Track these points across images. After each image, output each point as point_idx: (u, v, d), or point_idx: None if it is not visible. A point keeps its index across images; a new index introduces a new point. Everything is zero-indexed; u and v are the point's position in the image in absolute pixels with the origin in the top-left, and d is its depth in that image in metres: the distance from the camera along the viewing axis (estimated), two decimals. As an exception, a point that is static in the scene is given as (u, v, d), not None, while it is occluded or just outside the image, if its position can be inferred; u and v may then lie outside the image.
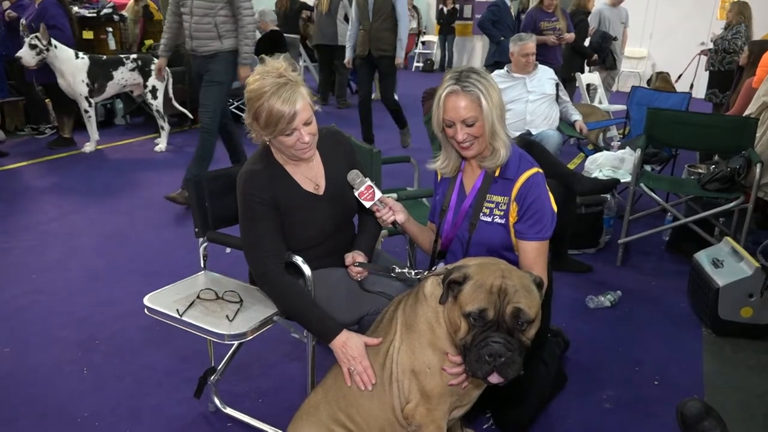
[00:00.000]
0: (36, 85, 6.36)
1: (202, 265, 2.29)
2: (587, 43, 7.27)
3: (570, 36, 6.41)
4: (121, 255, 3.74)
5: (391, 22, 5.69)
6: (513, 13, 6.93)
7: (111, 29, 7.56)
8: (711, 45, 6.65)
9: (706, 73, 6.77)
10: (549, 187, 1.98)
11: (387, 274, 1.95)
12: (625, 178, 3.94)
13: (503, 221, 1.94)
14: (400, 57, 5.84)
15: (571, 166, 5.84)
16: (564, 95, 4.64)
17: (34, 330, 2.87)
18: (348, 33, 6.05)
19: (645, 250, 3.97)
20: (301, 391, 2.23)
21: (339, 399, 1.78)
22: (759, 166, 3.37)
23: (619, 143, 4.81)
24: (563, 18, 6.38)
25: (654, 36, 11.46)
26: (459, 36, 13.91)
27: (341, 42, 8.49)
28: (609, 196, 3.93)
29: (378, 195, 1.94)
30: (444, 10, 13.44)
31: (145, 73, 6.14)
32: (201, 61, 4.37)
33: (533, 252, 1.92)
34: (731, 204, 3.47)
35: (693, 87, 7.15)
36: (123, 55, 6.20)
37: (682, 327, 3.05)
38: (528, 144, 3.46)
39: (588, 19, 7.25)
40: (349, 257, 1.99)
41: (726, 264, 2.98)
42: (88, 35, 7.13)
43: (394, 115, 6.20)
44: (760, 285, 2.81)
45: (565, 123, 4.64)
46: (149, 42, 8.49)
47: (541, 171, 1.96)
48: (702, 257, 3.13)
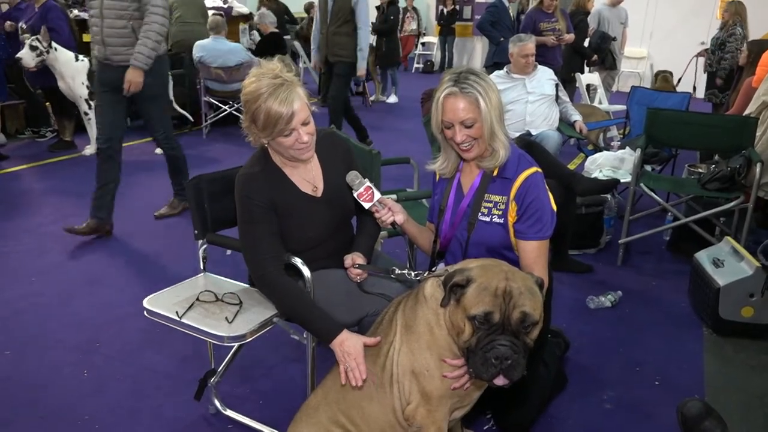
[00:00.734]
0: (35, 88, 6.35)
1: (201, 267, 2.29)
2: (587, 44, 7.27)
3: (570, 37, 6.40)
4: (121, 257, 3.74)
5: (350, 27, 5.44)
6: (512, 14, 6.92)
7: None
8: (709, 45, 6.64)
9: (705, 74, 6.77)
10: (549, 188, 1.98)
11: (387, 275, 1.95)
12: (625, 178, 3.94)
13: (502, 221, 1.93)
14: (361, 68, 5.58)
15: (572, 166, 5.84)
16: (564, 96, 4.64)
17: (34, 332, 2.87)
18: (312, 34, 5.84)
19: (645, 250, 3.97)
20: (301, 393, 2.23)
21: (339, 400, 1.78)
22: (759, 165, 3.37)
23: (619, 143, 4.81)
24: (563, 19, 6.37)
25: (654, 36, 11.46)
26: (459, 37, 13.90)
27: None
28: (609, 196, 3.93)
29: (377, 196, 1.94)
30: (444, 11, 13.44)
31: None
32: (116, 73, 3.66)
33: (533, 252, 1.92)
34: (731, 203, 3.47)
35: (695, 89, 7.15)
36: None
37: (682, 327, 3.05)
38: (528, 144, 3.47)
39: (588, 20, 7.25)
40: (349, 259, 1.99)
41: (726, 264, 2.97)
42: (87, 38, 7.12)
43: (331, 116, 5.73)
44: (760, 284, 2.80)
45: (565, 123, 4.64)
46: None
47: (540, 170, 1.95)
48: (702, 257, 3.12)
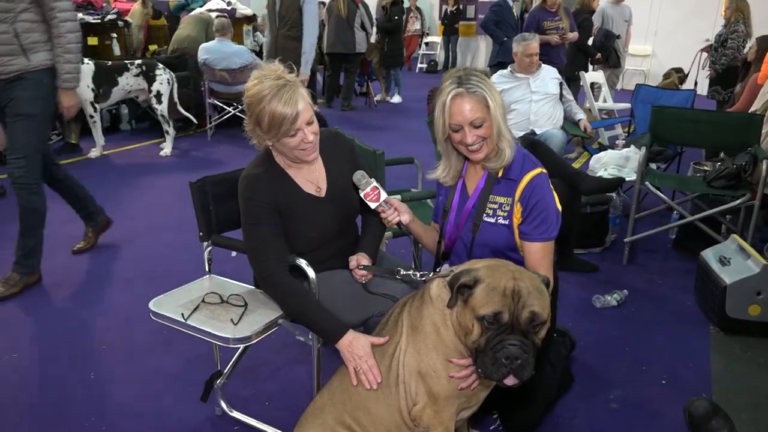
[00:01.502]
0: None
1: (206, 269, 2.29)
2: (591, 42, 7.25)
3: (573, 35, 6.39)
4: (126, 259, 3.75)
5: (300, 30, 5.11)
6: (516, 13, 6.91)
7: (115, 35, 7.58)
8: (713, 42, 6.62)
9: (707, 71, 6.75)
10: (553, 187, 1.97)
11: (392, 276, 1.95)
12: (631, 176, 3.93)
13: (507, 222, 1.93)
14: (303, 73, 5.06)
15: (576, 165, 5.83)
16: (568, 94, 4.63)
17: (39, 335, 2.88)
18: (265, 40, 5.51)
19: (651, 248, 3.95)
20: (307, 394, 2.23)
21: (345, 401, 1.78)
22: (765, 162, 3.35)
23: (624, 141, 4.79)
24: (566, 17, 6.36)
25: (658, 33, 11.42)
26: (462, 36, 13.90)
27: (358, 49, 8.52)
28: (614, 194, 3.92)
29: (383, 196, 1.94)
30: (447, 10, 13.44)
31: (150, 78, 6.13)
32: (1, 86, 3.06)
33: (538, 252, 1.92)
34: (738, 201, 3.45)
35: (696, 84, 7.14)
36: (128, 61, 6.21)
37: (689, 325, 3.03)
38: (532, 143, 3.46)
39: (592, 18, 7.23)
40: (354, 260, 1.99)
41: (733, 262, 2.96)
42: (92, 41, 7.14)
43: None
44: (767, 282, 2.79)
45: (570, 122, 4.62)
46: (153, 47, 8.52)
47: (545, 171, 1.95)
48: (709, 255, 3.11)
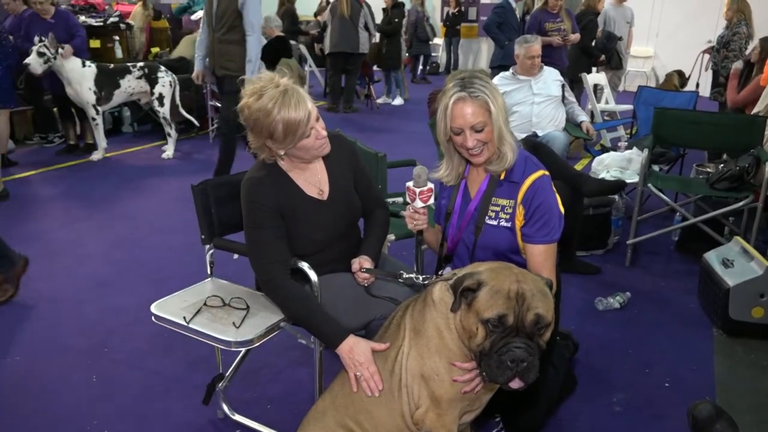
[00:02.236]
0: (45, 93, 6.41)
1: (208, 272, 2.29)
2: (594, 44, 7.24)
3: (575, 37, 6.38)
4: (129, 262, 3.75)
5: (239, 33, 4.50)
6: (518, 15, 6.90)
7: (117, 38, 7.60)
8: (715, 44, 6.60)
9: (709, 72, 6.74)
10: (556, 189, 1.97)
11: (394, 279, 1.94)
12: (633, 178, 3.92)
13: (509, 224, 1.92)
14: None
15: (578, 167, 5.82)
16: (570, 96, 4.63)
17: (42, 338, 2.88)
18: (197, 39, 4.85)
19: (654, 250, 3.94)
20: (309, 397, 2.22)
21: (347, 405, 1.77)
22: (768, 164, 3.34)
23: (626, 143, 4.78)
24: (568, 19, 6.35)
25: (660, 35, 11.41)
26: (464, 38, 13.88)
27: (361, 50, 8.52)
28: (617, 196, 3.91)
29: (431, 201, 1.94)
30: (449, 12, 13.43)
31: (152, 81, 6.14)
32: None
33: (541, 255, 1.91)
34: (741, 203, 3.44)
35: (698, 86, 7.13)
36: (130, 63, 6.23)
37: (692, 328, 3.02)
38: (534, 146, 3.46)
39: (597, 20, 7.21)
40: (356, 263, 1.98)
41: (736, 264, 2.95)
42: (95, 44, 7.18)
43: (221, 144, 4.93)
44: (771, 285, 2.78)
45: (572, 124, 4.62)
46: (155, 50, 8.54)
47: (547, 173, 1.94)
48: (712, 257, 3.10)
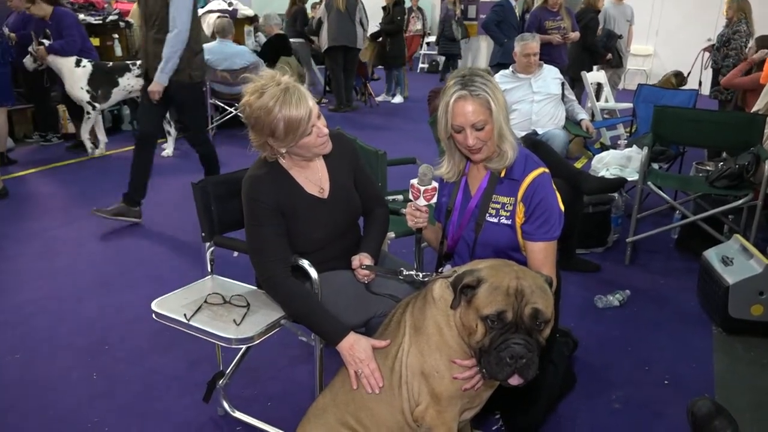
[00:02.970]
0: (53, 90, 6.41)
1: (209, 270, 2.30)
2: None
3: (575, 35, 6.38)
4: (129, 260, 3.75)
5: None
6: (517, 13, 6.90)
7: (117, 36, 7.59)
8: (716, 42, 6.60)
9: (709, 70, 6.74)
10: (555, 186, 1.97)
11: (394, 276, 1.95)
12: (633, 176, 3.93)
13: (509, 222, 1.93)
14: (158, 82, 3.98)
15: (578, 165, 5.82)
16: (570, 94, 4.63)
17: (43, 336, 2.88)
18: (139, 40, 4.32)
19: (653, 248, 3.95)
20: (310, 395, 2.23)
21: (347, 402, 1.78)
22: (768, 162, 3.35)
23: (626, 141, 4.79)
24: (568, 17, 6.35)
25: (660, 33, 11.41)
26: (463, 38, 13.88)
27: (358, 44, 8.51)
28: (616, 194, 3.91)
29: (435, 200, 1.95)
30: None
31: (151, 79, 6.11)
32: None
33: (541, 252, 1.92)
34: (740, 201, 3.45)
35: (701, 84, 7.12)
36: (129, 62, 6.22)
37: (691, 326, 3.03)
38: (534, 144, 3.46)
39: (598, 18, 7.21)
40: (356, 260, 1.99)
41: (735, 261, 2.96)
42: (94, 42, 7.15)
43: (204, 163, 4.45)
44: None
45: (572, 122, 4.62)
46: (155, 48, 8.51)
47: (548, 171, 1.95)
48: (711, 255, 3.11)
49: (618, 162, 4.22)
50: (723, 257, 3.02)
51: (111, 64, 6.17)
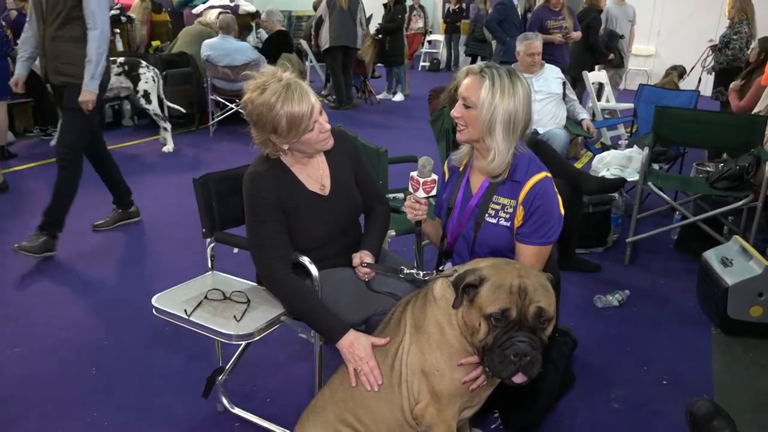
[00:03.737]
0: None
1: (209, 266, 2.30)
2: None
3: (577, 35, 6.38)
4: (129, 255, 3.75)
5: (79, 28, 3.46)
6: (519, 12, 6.89)
7: (118, 30, 7.57)
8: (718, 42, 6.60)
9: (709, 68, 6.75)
10: (556, 187, 1.97)
11: (395, 275, 1.95)
12: (633, 176, 3.93)
13: (508, 224, 1.93)
14: (89, 89, 3.49)
15: (579, 165, 5.82)
16: (571, 93, 4.62)
17: (42, 331, 2.88)
18: (22, 36, 3.73)
19: (653, 249, 3.95)
20: (309, 392, 2.23)
21: (346, 399, 1.78)
22: (768, 163, 3.35)
23: (627, 142, 4.79)
24: (569, 16, 6.35)
25: (661, 33, 11.41)
26: (465, 35, 13.87)
27: (358, 44, 8.51)
28: (616, 194, 3.92)
29: (434, 192, 1.95)
30: (450, 8, 13.42)
31: (133, 78, 5.89)
32: None
33: (532, 257, 1.91)
34: (740, 202, 3.45)
35: (700, 81, 7.13)
36: (111, 58, 6.00)
37: (691, 326, 3.03)
38: (535, 143, 3.45)
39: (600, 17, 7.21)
40: (357, 258, 1.99)
41: (735, 263, 2.96)
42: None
43: (61, 181, 3.76)
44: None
45: (573, 122, 4.62)
46: (156, 43, 8.51)
47: (550, 175, 1.94)
48: (711, 256, 3.11)
49: (618, 162, 4.22)
50: (722, 258, 3.03)
51: None
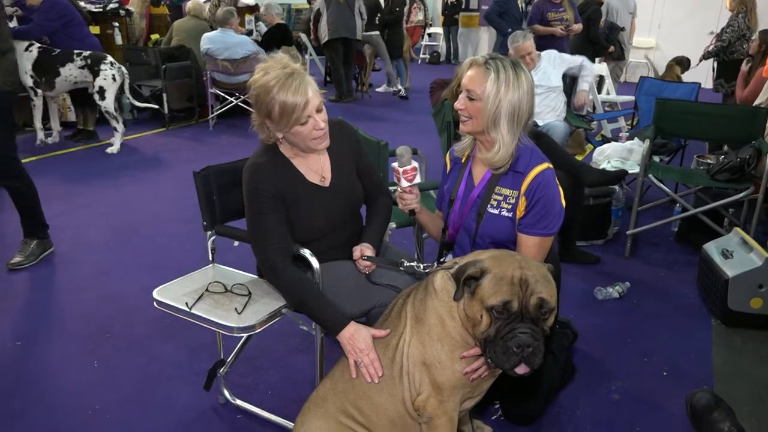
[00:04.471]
0: None
1: (210, 258, 2.30)
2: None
3: (578, 27, 6.36)
4: (130, 248, 3.75)
5: None
6: (520, 4, 6.87)
7: (117, 24, 7.54)
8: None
9: (710, 62, 6.72)
10: (557, 179, 1.97)
11: (395, 267, 1.95)
12: (634, 169, 3.92)
13: (510, 215, 1.93)
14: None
15: (579, 157, 5.82)
16: (573, 59, 4.62)
17: (44, 323, 2.89)
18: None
19: (654, 241, 3.95)
20: (310, 383, 2.24)
21: (347, 391, 1.78)
22: (769, 155, 3.34)
23: (627, 134, 4.78)
24: (570, 8, 6.32)
25: (662, 26, 11.37)
26: (464, 27, 13.84)
27: (358, 35, 8.47)
28: (617, 187, 3.91)
29: (417, 180, 1.95)
30: (448, 1, 13.37)
31: (95, 73, 5.79)
32: None
33: (534, 247, 1.91)
34: (741, 194, 3.44)
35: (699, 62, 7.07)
36: (76, 51, 5.79)
37: (691, 318, 3.04)
38: (536, 135, 3.45)
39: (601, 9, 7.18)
40: (357, 250, 1.99)
41: (735, 255, 2.96)
42: (94, 30, 7.11)
43: (16, 199, 3.49)
44: (770, 275, 2.79)
45: (572, 113, 4.60)
46: (155, 36, 8.48)
47: (552, 166, 1.94)
48: (711, 248, 3.11)
49: (619, 154, 4.22)
50: (723, 250, 3.03)
51: (56, 52, 5.77)
